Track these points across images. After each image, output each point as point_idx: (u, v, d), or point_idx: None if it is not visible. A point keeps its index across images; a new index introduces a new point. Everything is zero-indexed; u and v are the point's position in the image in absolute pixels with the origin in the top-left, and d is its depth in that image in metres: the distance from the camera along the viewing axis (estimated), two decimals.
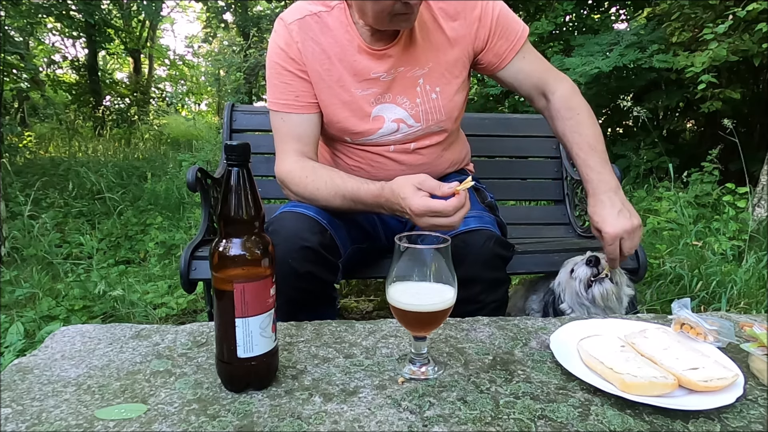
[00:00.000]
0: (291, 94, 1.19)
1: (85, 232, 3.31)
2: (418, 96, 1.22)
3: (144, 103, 11.00)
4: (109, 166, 5.21)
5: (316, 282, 1.07)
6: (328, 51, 1.18)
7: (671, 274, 2.33)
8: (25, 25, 6.63)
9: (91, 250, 2.91)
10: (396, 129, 1.23)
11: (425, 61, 1.20)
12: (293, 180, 1.17)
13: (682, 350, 0.77)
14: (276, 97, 1.21)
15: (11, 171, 4.54)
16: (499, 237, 1.14)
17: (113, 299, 2.19)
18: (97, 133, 8.75)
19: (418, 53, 1.19)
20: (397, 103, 1.22)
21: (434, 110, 1.24)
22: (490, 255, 1.11)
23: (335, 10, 1.18)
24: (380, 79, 1.19)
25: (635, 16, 5.47)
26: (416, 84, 1.21)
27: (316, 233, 1.06)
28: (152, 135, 8.94)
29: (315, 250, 1.04)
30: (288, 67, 1.19)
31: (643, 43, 4.17)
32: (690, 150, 4.74)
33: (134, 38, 11.46)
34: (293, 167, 1.18)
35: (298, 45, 1.18)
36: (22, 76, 6.34)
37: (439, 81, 1.22)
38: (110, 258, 2.93)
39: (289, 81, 1.19)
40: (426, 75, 1.21)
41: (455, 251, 1.06)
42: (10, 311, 2.06)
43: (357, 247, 1.22)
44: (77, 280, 2.44)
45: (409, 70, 1.20)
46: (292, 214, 1.11)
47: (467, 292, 1.08)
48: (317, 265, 1.06)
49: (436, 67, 1.21)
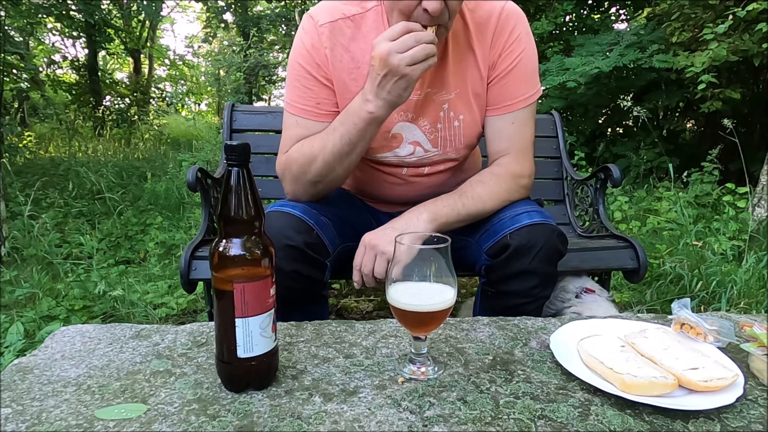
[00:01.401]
0: (312, 101, 1.13)
1: (85, 232, 3.31)
2: (440, 121, 1.17)
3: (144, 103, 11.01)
4: (109, 166, 5.22)
5: (302, 280, 1.06)
6: (358, 59, 1.11)
7: (671, 274, 2.33)
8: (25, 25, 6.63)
9: (91, 250, 2.91)
10: (412, 152, 1.19)
11: (454, 85, 1.15)
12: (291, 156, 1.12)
13: (682, 350, 0.77)
14: (295, 99, 1.14)
15: (11, 171, 4.54)
16: (561, 232, 1.10)
17: (113, 299, 2.19)
18: (97, 133, 8.76)
19: (448, 76, 1.14)
20: (417, 124, 1.17)
21: (454, 138, 1.19)
22: (553, 250, 1.08)
23: (371, 13, 1.11)
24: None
25: (635, 16, 5.47)
26: (440, 108, 1.16)
27: (301, 232, 1.05)
28: (152, 135, 8.94)
29: (300, 249, 1.02)
30: (312, 71, 1.12)
31: (643, 43, 4.18)
32: (690, 150, 4.75)
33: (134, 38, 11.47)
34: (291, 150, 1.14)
35: (326, 51, 1.11)
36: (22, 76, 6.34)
37: (464, 109, 1.17)
38: (110, 258, 2.93)
39: (311, 86, 1.12)
40: (452, 101, 1.16)
41: (517, 244, 1.05)
42: (10, 311, 2.06)
43: (347, 246, 1.20)
44: (77, 280, 2.45)
45: (437, 93, 1.15)
46: (278, 214, 1.09)
47: (521, 285, 1.08)
48: (303, 264, 1.04)
49: (463, 93, 1.16)
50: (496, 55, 1.15)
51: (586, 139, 5.09)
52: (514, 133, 1.18)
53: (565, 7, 5.03)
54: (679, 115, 5.19)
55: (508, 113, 1.16)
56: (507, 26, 1.14)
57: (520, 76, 1.15)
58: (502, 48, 1.14)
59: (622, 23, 5.85)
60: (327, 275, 1.13)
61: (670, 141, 4.76)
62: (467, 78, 1.15)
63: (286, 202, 1.15)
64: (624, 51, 4.06)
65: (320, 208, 1.15)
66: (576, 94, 4.26)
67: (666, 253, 2.56)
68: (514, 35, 1.14)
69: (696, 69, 3.50)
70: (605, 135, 5.43)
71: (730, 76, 4.30)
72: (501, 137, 1.18)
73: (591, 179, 1.78)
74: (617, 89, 4.65)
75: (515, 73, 1.15)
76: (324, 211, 1.15)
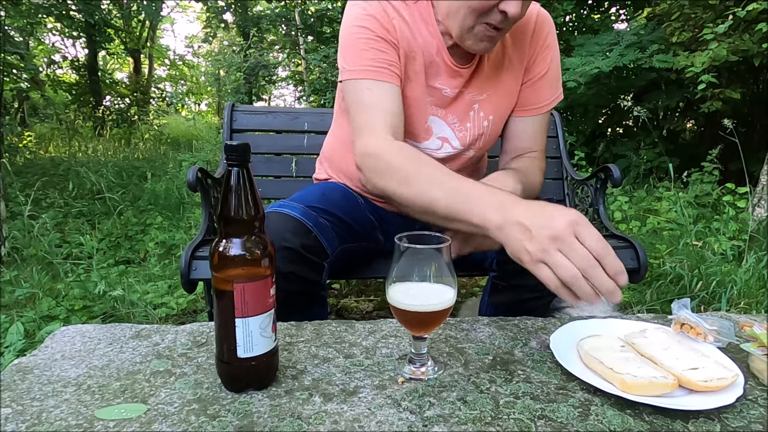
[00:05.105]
0: (384, 62, 1.04)
1: (85, 232, 3.31)
2: (469, 121, 1.17)
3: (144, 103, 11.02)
4: (109, 166, 5.22)
5: (300, 282, 1.05)
6: (416, 39, 1.08)
7: (671, 274, 2.33)
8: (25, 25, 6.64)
9: (91, 250, 2.91)
10: (439, 147, 1.19)
11: (487, 87, 1.15)
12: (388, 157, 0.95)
13: (682, 350, 0.77)
14: (361, 63, 1.03)
15: (11, 171, 4.54)
16: None
17: (113, 299, 2.19)
18: (97, 133, 8.77)
19: (483, 77, 1.14)
20: (447, 121, 1.17)
21: (482, 138, 1.20)
22: None
23: (419, 5, 1.09)
24: (442, 92, 1.13)
25: (635, 16, 5.47)
26: (471, 108, 1.16)
27: (298, 234, 1.03)
28: (152, 135, 8.95)
29: (296, 251, 1.01)
30: (382, 34, 1.04)
31: (643, 43, 4.18)
32: (690, 150, 4.75)
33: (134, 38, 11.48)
34: (391, 146, 0.97)
35: (394, 21, 1.06)
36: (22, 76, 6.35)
37: (494, 109, 1.17)
38: (110, 258, 2.93)
39: (382, 48, 1.04)
40: (483, 101, 1.16)
41: None
42: (10, 311, 2.06)
43: (347, 248, 1.20)
44: (77, 280, 2.45)
45: (470, 93, 1.15)
46: (276, 215, 1.08)
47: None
48: (300, 265, 1.03)
49: (494, 95, 1.16)
50: (532, 59, 1.17)
51: (586, 139, 5.10)
52: (538, 134, 1.22)
53: (565, 7, 5.03)
54: (679, 115, 5.19)
55: (535, 116, 1.20)
56: (542, 31, 1.16)
57: (551, 81, 1.19)
58: (537, 52, 1.16)
59: (622, 23, 5.85)
60: (324, 277, 1.12)
61: (670, 141, 4.77)
62: (501, 80, 1.16)
63: (286, 203, 1.14)
64: (624, 51, 4.06)
65: (320, 209, 1.14)
66: (576, 94, 4.26)
67: (666, 253, 2.56)
68: (548, 40, 1.17)
69: (696, 69, 3.51)
70: (605, 135, 5.43)
71: (730, 76, 4.30)
72: (525, 137, 1.22)
73: (591, 179, 1.78)
74: (617, 89, 4.66)
75: (547, 78, 1.18)
76: (324, 212, 1.14)
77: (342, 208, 1.21)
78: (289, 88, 12.99)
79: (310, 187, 1.33)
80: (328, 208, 1.17)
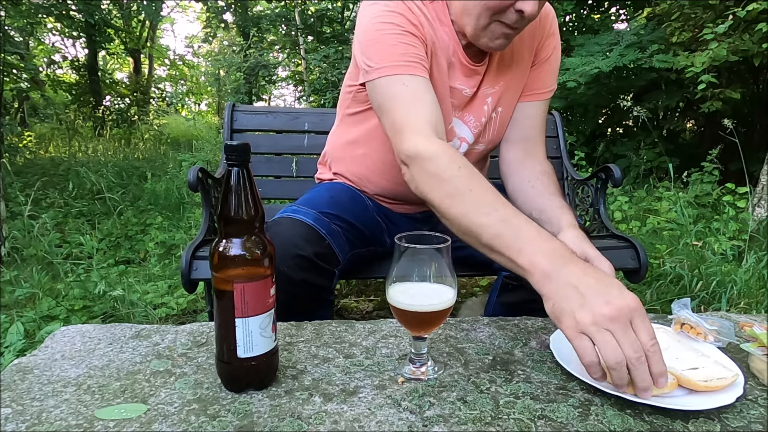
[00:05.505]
0: (416, 56, 0.99)
1: (85, 232, 3.31)
2: (483, 115, 1.16)
3: (144, 103, 11.02)
4: (109, 166, 5.22)
5: (310, 289, 1.04)
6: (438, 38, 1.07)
7: (671, 274, 2.33)
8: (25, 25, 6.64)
9: (91, 250, 2.91)
10: (457, 147, 1.17)
11: (498, 79, 1.15)
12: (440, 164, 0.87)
13: (682, 350, 0.77)
14: (392, 59, 0.97)
15: (11, 171, 4.54)
16: None
17: (113, 299, 2.19)
18: (97, 133, 8.77)
19: (494, 72, 1.14)
20: (464, 120, 1.16)
21: (491, 131, 1.20)
22: None
23: (435, 5, 1.08)
24: (462, 92, 1.13)
25: (635, 16, 5.47)
26: (485, 102, 1.16)
27: (311, 242, 1.02)
28: (152, 135, 8.95)
29: (309, 259, 1.00)
30: (410, 29, 1.00)
31: (643, 43, 4.18)
32: (690, 150, 4.75)
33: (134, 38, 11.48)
34: (439, 148, 0.89)
35: (419, 18, 1.03)
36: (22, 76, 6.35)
37: (504, 101, 1.17)
38: (110, 258, 2.93)
39: (412, 42, 1.00)
40: (494, 94, 1.16)
41: None
42: (10, 311, 2.06)
43: (356, 253, 1.19)
44: (77, 280, 2.45)
45: (483, 89, 1.15)
46: (289, 221, 1.07)
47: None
48: (312, 273, 1.02)
49: (504, 87, 1.16)
50: (540, 44, 1.18)
51: (586, 139, 5.10)
52: (540, 121, 1.23)
53: (565, 7, 5.03)
54: (679, 115, 5.19)
55: (539, 101, 1.21)
56: (548, 19, 1.18)
57: (553, 67, 1.21)
58: (543, 37, 1.18)
59: (622, 23, 5.85)
60: (334, 283, 1.12)
61: (670, 141, 4.76)
62: (511, 71, 1.17)
63: (298, 207, 1.12)
64: (624, 51, 4.06)
65: (332, 215, 1.13)
66: (576, 94, 4.26)
67: (666, 253, 2.56)
68: (552, 28, 1.19)
69: (696, 69, 3.51)
70: (605, 135, 5.43)
71: (730, 76, 4.30)
72: (530, 124, 1.22)
73: (591, 179, 1.78)
74: (617, 89, 4.65)
75: (551, 63, 1.20)
76: (336, 218, 1.13)
77: (353, 213, 1.20)
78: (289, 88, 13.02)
79: (318, 188, 1.32)
80: (340, 213, 1.16)
